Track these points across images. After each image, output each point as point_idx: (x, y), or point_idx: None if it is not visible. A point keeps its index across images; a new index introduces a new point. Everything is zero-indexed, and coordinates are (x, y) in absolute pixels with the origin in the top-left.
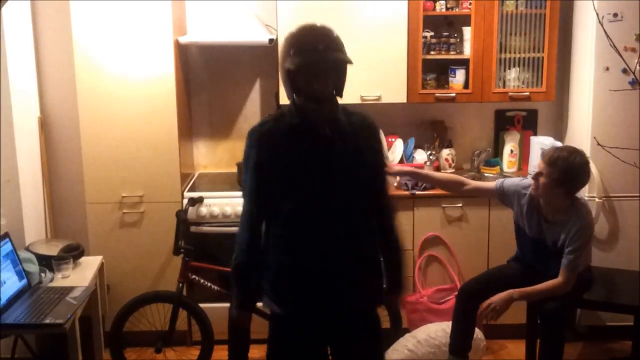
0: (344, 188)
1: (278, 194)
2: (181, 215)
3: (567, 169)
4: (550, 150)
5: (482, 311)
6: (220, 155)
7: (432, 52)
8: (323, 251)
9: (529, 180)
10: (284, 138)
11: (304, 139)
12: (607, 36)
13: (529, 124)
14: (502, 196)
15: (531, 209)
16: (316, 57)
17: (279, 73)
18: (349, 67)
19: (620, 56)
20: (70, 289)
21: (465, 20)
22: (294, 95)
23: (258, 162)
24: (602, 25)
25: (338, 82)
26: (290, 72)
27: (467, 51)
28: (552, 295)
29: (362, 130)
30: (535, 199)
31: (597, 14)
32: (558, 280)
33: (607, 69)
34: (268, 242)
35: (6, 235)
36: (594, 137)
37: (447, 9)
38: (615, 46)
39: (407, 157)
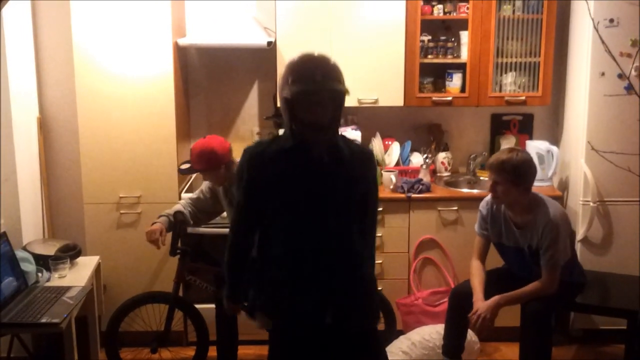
0: (336, 211)
1: (269, 213)
2: (178, 216)
3: (516, 167)
4: (492, 160)
5: (474, 324)
6: None
7: (429, 56)
8: (313, 270)
9: (485, 200)
10: (277, 160)
11: (297, 162)
12: (603, 42)
13: (524, 128)
14: (488, 230)
15: (499, 215)
16: (314, 87)
17: (278, 101)
18: (347, 71)
19: (616, 62)
20: (66, 288)
21: (463, 24)
22: (292, 123)
23: (249, 181)
24: (597, 31)
25: (335, 113)
26: (288, 101)
27: (464, 55)
28: (538, 296)
29: (358, 158)
30: (498, 205)
31: (593, 20)
32: (542, 280)
33: (603, 74)
34: (262, 259)
35: (4, 234)
36: (589, 142)
37: (444, 13)
38: (610, 52)
39: (403, 161)
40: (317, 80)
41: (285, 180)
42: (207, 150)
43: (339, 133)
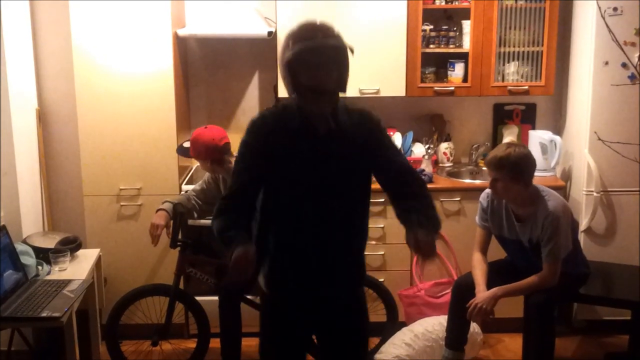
0: (339, 181)
1: (269, 181)
2: (178, 208)
3: (515, 164)
4: (490, 157)
5: (470, 313)
6: None
7: (431, 46)
8: (314, 239)
9: (485, 191)
10: (281, 128)
11: (301, 132)
12: (610, 30)
13: (527, 118)
14: (488, 222)
15: (500, 208)
16: (315, 44)
17: (279, 70)
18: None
19: (622, 50)
20: (67, 282)
21: (465, 13)
22: (295, 90)
23: (250, 147)
24: (604, 19)
25: (340, 76)
26: (290, 64)
27: (467, 45)
28: (538, 288)
29: (363, 123)
30: (498, 199)
31: (600, 8)
32: (542, 273)
33: (607, 63)
34: (264, 228)
35: (3, 227)
36: (595, 132)
37: (446, 2)
38: (617, 40)
39: (405, 151)
40: (318, 39)
41: (286, 148)
42: (206, 141)
43: (342, 101)
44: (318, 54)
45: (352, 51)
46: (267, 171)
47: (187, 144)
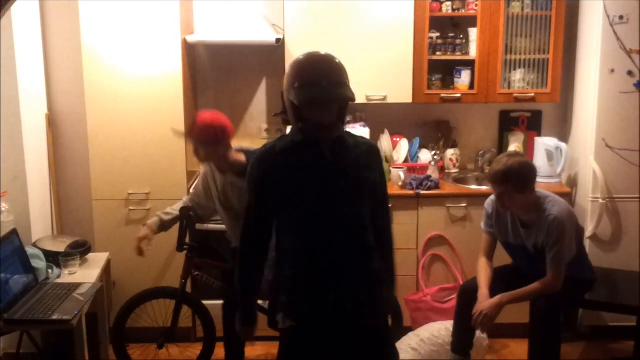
0: (345, 204)
1: (279, 211)
2: (185, 212)
3: (518, 175)
4: (492, 172)
5: (475, 320)
6: None
7: (438, 53)
8: (327, 264)
9: (490, 198)
10: (284, 157)
11: (304, 158)
12: (618, 38)
13: (533, 125)
14: (494, 228)
15: (505, 215)
16: (320, 94)
17: (284, 99)
18: (355, 68)
19: (631, 58)
20: (77, 285)
21: (471, 21)
22: (298, 123)
23: (258, 180)
24: (612, 27)
25: (341, 113)
26: (294, 104)
27: (473, 52)
28: (543, 294)
29: (363, 150)
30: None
31: (609, 17)
32: (546, 278)
33: (613, 71)
34: (279, 257)
35: (14, 231)
36: (603, 139)
37: (453, 10)
38: (625, 48)
39: (411, 157)
40: (322, 87)
41: (293, 176)
42: (217, 124)
43: (344, 129)
44: (321, 103)
45: (352, 99)
46: (277, 201)
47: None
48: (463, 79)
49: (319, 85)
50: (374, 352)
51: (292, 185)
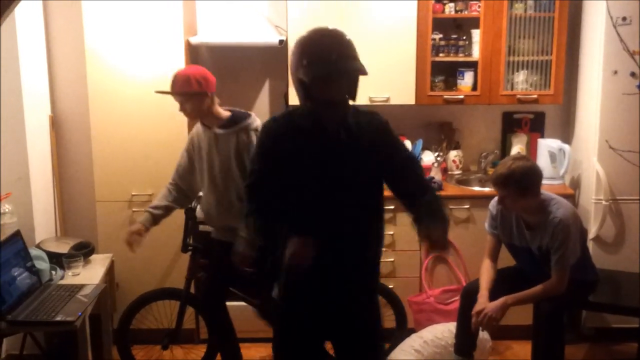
0: (349, 186)
1: (285, 187)
2: (190, 213)
3: (521, 179)
4: (495, 176)
5: (479, 322)
6: None
7: (440, 55)
8: (328, 246)
9: (495, 199)
10: (292, 134)
11: (312, 138)
12: (621, 39)
13: (536, 127)
14: (498, 230)
15: (509, 216)
16: (330, 68)
17: (291, 78)
18: None
19: (633, 59)
20: (80, 286)
21: (474, 22)
22: (307, 98)
23: (267, 151)
24: (615, 28)
25: (351, 88)
26: (303, 81)
27: (476, 54)
28: (547, 296)
29: (371, 129)
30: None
31: (612, 18)
32: (550, 281)
33: (616, 72)
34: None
35: (17, 233)
36: (606, 141)
37: (456, 11)
38: (628, 49)
39: None
40: (332, 61)
41: (298, 154)
42: (197, 73)
43: (352, 106)
44: (331, 77)
45: (364, 72)
46: (281, 172)
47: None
48: (466, 80)
49: (329, 60)
50: (365, 330)
51: (296, 165)
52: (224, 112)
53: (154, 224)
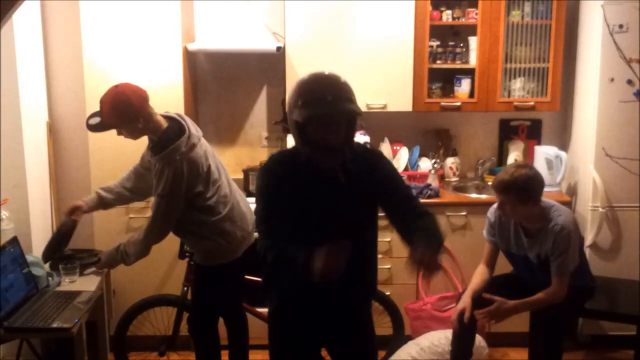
0: (349, 219)
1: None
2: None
3: (521, 187)
4: (497, 180)
5: (477, 314)
6: (227, 162)
7: (438, 62)
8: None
9: (493, 206)
10: (293, 175)
11: (311, 178)
12: (618, 47)
13: (533, 134)
14: (496, 236)
15: (508, 224)
16: (325, 109)
17: (288, 122)
18: (356, 76)
19: (630, 67)
20: (77, 293)
21: (472, 30)
22: (303, 145)
23: (271, 187)
24: (612, 36)
25: (348, 132)
26: (298, 124)
27: (473, 61)
28: (548, 303)
29: (367, 161)
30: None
31: (609, 26)
32: (552, 288)
33: (612, 79)
34: None
35: (14, 239)
36: (603, 148)
37: (453, 18)
38: (624, 57)
39: (412, 165)
40: (328, 102)
41: (299, 197)
42: (122, 101)
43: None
44: (326, 119)
45: (360, 113)
46: (283, 210)
47: (94, 120)
48: (463, 87)
49: (324, 100)
50: (360, 338)
51: (297, 204)
52: (160, 127)
53: (100, 207)
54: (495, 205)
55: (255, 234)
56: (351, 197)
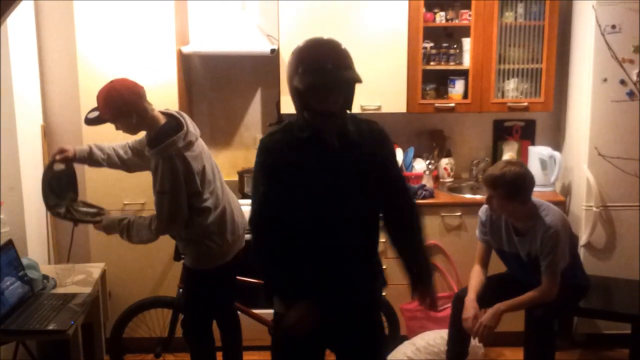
0: (351, 197)
1: (287, 202)
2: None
3: (510, 183)
4: (486, 174)
5: (477, 331)
6: (221, 164)
7: (431, 63)
8: (331, 257)
9: (484, 206)
10: (292, 149)
11: (312, 151)
12: (609, 48)
13: (527, 134)
14: (487, 235)
15: (499, 222)
16: (325, 77)
17: (288, 87)
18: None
19: (622, 67)
20: (72, 295)
21: (465, 31)
22: (303, 112)
23: (268, 170)
24: (604, 37)
25: (347, 97)
26: (299, 91)
27: (467, 62)
28: (540, 302)
29: (370, 138)
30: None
31: (600, 26)
32: (541, 287)
33: (605, 80)
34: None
35: (10, 242)
36: (595, 148)
37: (447, 20)
38: (617, 57)
39: (406, 167)
40: (328, 70)
41: (299, 169)
42: (114, 96)
43: (349, 115)
44: (327, 86)
45: (359, 80)
46: (283, 189)
47: (93, 114)
48: (457, 88)
49: (324, 69)
50: (364, 343)
51: (297, 179)
52: (157, 122)
53: (86, 161)
54: (486, 205)
55: (247, 236)
56: (354, 166)
